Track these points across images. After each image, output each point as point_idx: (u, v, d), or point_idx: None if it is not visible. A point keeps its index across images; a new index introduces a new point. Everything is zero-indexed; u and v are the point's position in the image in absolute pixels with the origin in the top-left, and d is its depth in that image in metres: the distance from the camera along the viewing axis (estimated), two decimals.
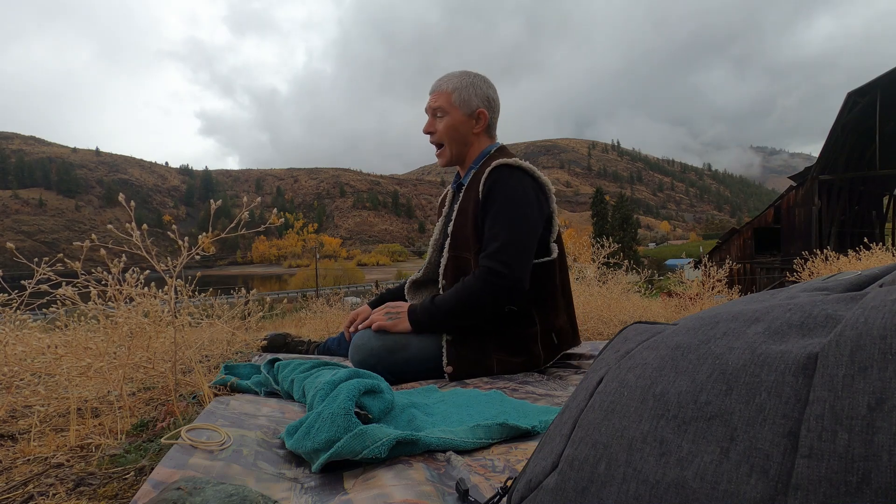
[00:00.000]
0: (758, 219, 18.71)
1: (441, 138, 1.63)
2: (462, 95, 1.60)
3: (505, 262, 1.42)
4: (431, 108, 1.63)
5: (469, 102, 1.61)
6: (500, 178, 1.49)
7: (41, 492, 0.76)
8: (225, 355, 1.97)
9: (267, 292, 25.39)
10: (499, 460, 0.79)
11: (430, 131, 1.65)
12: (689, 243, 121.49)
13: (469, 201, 1.56)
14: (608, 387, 0.42)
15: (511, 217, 1.46)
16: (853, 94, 16.10)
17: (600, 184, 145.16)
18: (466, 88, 1.61)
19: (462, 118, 1.61)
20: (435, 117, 1.63)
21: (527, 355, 1.53)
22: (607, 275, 4.15)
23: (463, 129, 1.62)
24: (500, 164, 1.51)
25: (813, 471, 0.28)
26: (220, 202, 1.45)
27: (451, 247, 1.59)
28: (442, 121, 1.62)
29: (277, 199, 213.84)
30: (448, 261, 1.59)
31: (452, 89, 1.61)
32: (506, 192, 1.48)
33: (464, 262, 1.56)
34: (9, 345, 1.27)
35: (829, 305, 0.35)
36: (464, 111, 1.61)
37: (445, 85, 1.62)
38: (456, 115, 1.61)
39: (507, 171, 1.50)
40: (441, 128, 1.62)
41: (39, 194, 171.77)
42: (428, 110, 1.65)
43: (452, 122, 1.61)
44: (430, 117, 1.65)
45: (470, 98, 1.61)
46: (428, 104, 1.65)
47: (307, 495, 0.70)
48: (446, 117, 1.61)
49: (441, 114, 1.62)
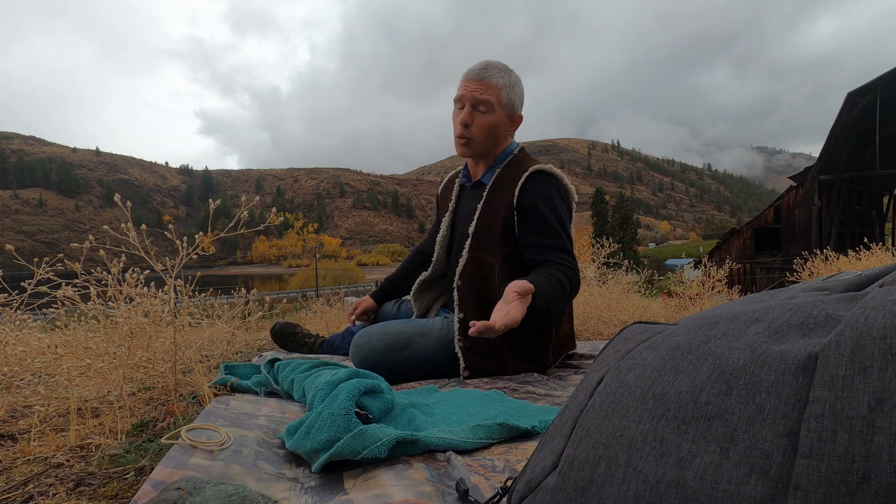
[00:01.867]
0: (758, 219, 18.71)
1: (476, 133, 1.51)
2: (509, 95, 1.51)
3: (576, 268, 1.42)
4: (476, 98, 1.48)
5: (513, 104, 1.53)
6: (541, 186, 1.48)
7: (41, 492, 0.76)
8: (225, 355, 1.97)
9: (267, 292, 25.41)
10: (499, 460, 0.79)
11: (469, 122, 1.50)
12: (689, 243, 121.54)
13: (498, 203, 1.49)
14: (608, 387, 0.42)
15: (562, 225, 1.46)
16: (853, 95, 16.10)
17: (600, 184, 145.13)
18: (513, 88, 1.51)
19: (504, 118, 1.52)
20: (476, 110, 1.49)
21: (538, 361, 1.53)
22: (607, 275, 4.15)
23: (501, 130, 1.53)
24: (538, 170, 1.49)
25: (813, 471, 0.28)
26: (219, 202, 1.45)
27: (472, 248, 1.50)
28: (484, 116, 1.49)
29: (277, 198, 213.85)
30: (468, 262, 1.50)
31: (502, 86, 1.49)
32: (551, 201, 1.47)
33: (487, 266, 1.49)
34: (9, 345, 1.27)
35: (829, 305, 0.35)
36: (507, 112, 1.52)
37: (495, 77, 1.48)
38: (500, 115, 1.51)
39: (544, 178, 1.49)
40: (481, 122, 1.49)
41: (39, 194, 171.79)
42: (465, 100, 1.49)
43: (495, 121, 1.50)
44: (469, 107, 1.49)
45: (514, 100, 1.52)
46: (468, 92, 1.48)
47: (307, 495, 0.70)
48: (490, 114, 1.49)
49: (486, 109, 1.48)
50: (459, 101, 1.52)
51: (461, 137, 1.53)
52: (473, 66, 1.52)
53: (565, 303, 1.40)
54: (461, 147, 1.55)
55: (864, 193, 19.22)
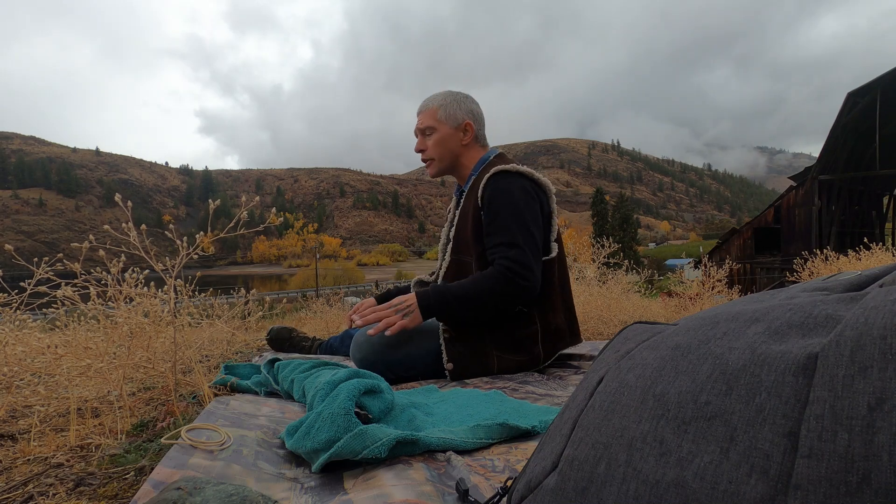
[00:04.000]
0: (758, 219, 18.72)
1: (431, 153, 1.70)
2: (448, 110, 1.67)
3: (523, 264, 1.45)
4: (420, 128, 1.71)
5: (455, 116, 1.67)
6: (499, 184, 1.53)
7: (41, 492, 0.76)
8: (225, 355, 1.97)
9: (267, 292, 25.39)
10: (499, 460, 0.79)
11: (422, 149, 1.72)
12: (689, 243, 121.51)
13: (469, 206, 1.61)
14: (608, 387, 0.42)
15: (519, 221, 1.49)
16: (853, 95, 16.10)
17: (600, 184, 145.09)
18: (451, 104, 1.68)
19: (450, 131, 1.67)
20: (424, 136, 1.70)
21: (527, 354, 1.54)
22: (607, 275, 4.15)
23: (452, 142, 1.68)
24: (498, 170, 1.56)
25: (813, 471, 0.28)
26: (218, 202, 1.46)
27: (452, 250, 1.66)
28: (431, 138, 1.68)
29: (277, 198, 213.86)
30: (450, 264, 1.66)
31: (438, 106, 1.68)
32: (509, 198, 1.51)
33: (465, 266, 1.61)
34: (9, 345, 1.27)
35: (829, 305, 0.35)
36: (451, 125, 1.67)
37: (430, 103, 1.70)
38: (444, 130, 1.67)
39: (504, 177, 1.54)
40: (431, 144, 1.68)
41: (39, 194, 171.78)
42: (417, 132, 1.73)
43: (441, 137, 1.67)
44: (420, 137, 1.71)
45: (455, 112, 1.68)
46: (416, 126, 1.72)
47: (307, 495, 0.70)
48: (434, 134, 1.68)
49: (429, 132, 1.68)
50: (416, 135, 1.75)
51: (424, 162, 1.74)
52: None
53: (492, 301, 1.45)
54: (428, 170, 1.76)
55: (864, 193, 19.22)
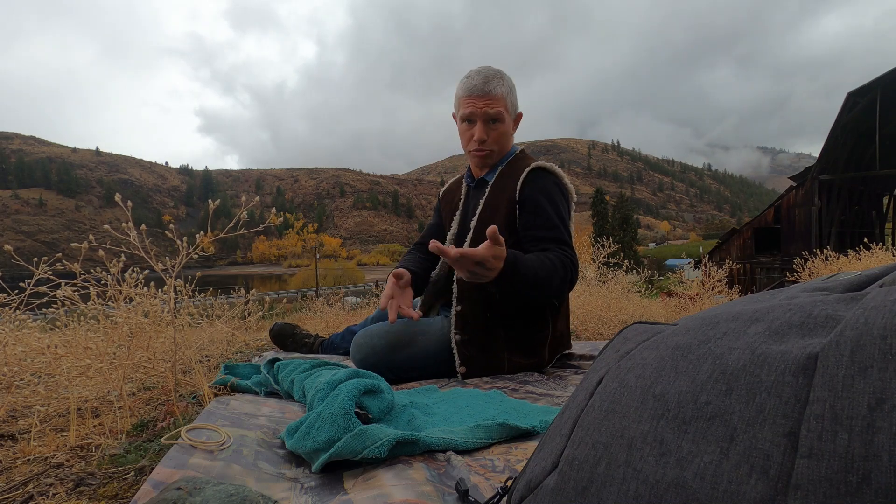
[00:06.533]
0: (758, 219, 18.72)
1: (493, 144, 1.55)
2: (512, 99, 1.55)
3: (574, 262, 1.42)
4: (487, 114, 1.50)
5: (516, 105, 1.57)
6: (541, 181, 1.50)
7: (41, 492, 0.76)
8: (225, 355, 1.97)
9: (267, 292, 25.40)
10: (499, 460, 0.79)
11: (486, 138, 1.53)
12: (689, 243, 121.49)
13: (500, 199, 1.52)
14: (608, 387, 0.42)
15: (562, 220, 1.47)
16: (853, 95, 16.10)
17: (600, 184, 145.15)
18: (512, 91, 1.55)
19: (511, 123, 1.57)
20: (488, 124, 1.52)
21: (535, 357, 1.53)
22: (607, 275, 4.15)
23: (510, 134, 1.58)
24: (538, 167, 1.52)
25: (813, 471, 0.28)
26: (218, 202, 1.45)
27: (473, 241, 1.52)
28: (497, 127, 1.52)
29: (277, 198, 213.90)
30: None
31: (505, 94, 1.51)
32: (551, 196, 1.49)
33: None
34: (9, 345, 1.27)
35: (829, 306, 0.35)
36: (512, 116, 1.56)
37: (499, 89, 1.50)
38: (508, 122, 1.55)
39: (544, 174, 1.52)
40: (496, 135, 1.53)
41: (39, 194, 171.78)
42: (478, 116, 1.51)
43: (506, 129, 1.54)
44: (482, 123, 1.51)
45: (515, 101, 1.57)
46: (479, 109, 1.50)
47: (307, 495, 0.70)
48: (501, 124, 1.52)
49: (497, 120, 1.52)
50: (468, 118, 1.53)
51: (479, 151, 1.55)
52: (472, 80, 1.52)
53: (554, 285, 1.35)
54: (481, 159, 1.57)
55: (864, 193, 19.22)
